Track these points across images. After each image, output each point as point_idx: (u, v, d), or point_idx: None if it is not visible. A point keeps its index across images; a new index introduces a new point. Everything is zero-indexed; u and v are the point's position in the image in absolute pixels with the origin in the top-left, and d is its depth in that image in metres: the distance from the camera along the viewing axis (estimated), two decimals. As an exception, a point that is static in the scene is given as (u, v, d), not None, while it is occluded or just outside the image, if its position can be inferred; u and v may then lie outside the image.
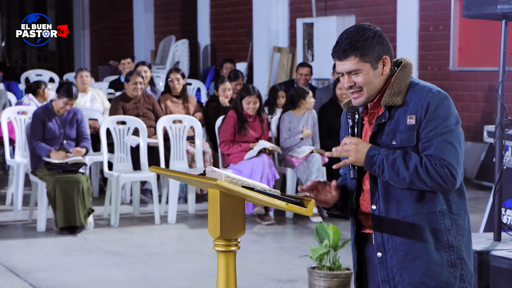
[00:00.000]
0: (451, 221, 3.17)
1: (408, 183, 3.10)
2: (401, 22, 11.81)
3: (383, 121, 3.18)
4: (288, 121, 8.84)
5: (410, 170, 3.07)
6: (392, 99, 3.16)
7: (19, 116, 8.88)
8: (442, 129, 3.10)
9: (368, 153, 3.13)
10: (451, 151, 3.09)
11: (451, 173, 3.08)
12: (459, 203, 3.21)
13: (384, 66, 3.19)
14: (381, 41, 3.18)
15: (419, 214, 3.14)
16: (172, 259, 7.12)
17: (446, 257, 3.16)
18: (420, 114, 3.11)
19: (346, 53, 3.15)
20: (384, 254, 3.19)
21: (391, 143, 3.15)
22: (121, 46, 19.12)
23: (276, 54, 13.90)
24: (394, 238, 3.17)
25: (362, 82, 3.16)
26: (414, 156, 3.09)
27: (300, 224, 8.42)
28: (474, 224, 8.05)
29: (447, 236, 3.16)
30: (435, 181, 3.07)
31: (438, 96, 3.13)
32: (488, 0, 5.07)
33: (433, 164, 3.07)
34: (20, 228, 8.19)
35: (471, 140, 11.10)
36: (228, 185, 3.06)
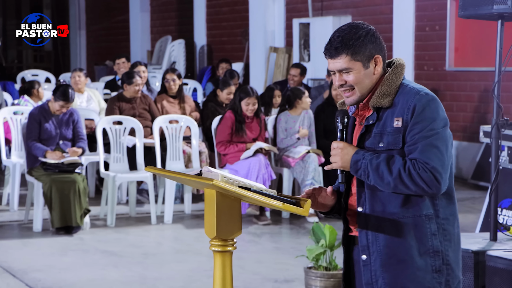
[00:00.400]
0: (438, 225, 3.13)
1: (393, 188, 3.07)
2: (397, 22, 11.82)
3: (371, 122, 3.15)
4: (284, 121, 8.84)
5: (394, 175, 3.04)
6: (380, 100, 3.13)
7: (15, 116, 8.87)
8: (428, 132, 3.05)
9: (352, 158, 3.11)
10: (436, 154, 3.04)
11: (435, 177, 3.04)
12: (447, 207, 3.17)
13: (376, 66, 3.16)
14: (373, 40, 3.15)
15: (404, 218, 3.11)
16: (169, 259, 7.12)
17: (430, 262, 3.12)
18: (406, 117, 3.08)
19: (337, 51, 3.12)
20: (368, 257, 3.17)
21: (378, 146, 3.12)
22: (117, 46, 19.10)
23: (273, 54, 13.90)
24: (378, 241, 3.14)
25: (353, 81, 3.14)
26: (398, 160, 3.06)
27: (296, 224, 8.43)
28: (470, 224, 8.07)
29: (433, 240, 3.11)
30: (418, 185, 3.03)
31: (425, 98, 3.09)
32: (484, 1, 5.08)
33: (417, 168, 3.03)
34: (16, 228, 8.18)
35: (467, 140, 11.11)
36: (224, 185, 3.06)
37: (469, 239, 5.17)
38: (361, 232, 3.18)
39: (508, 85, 10.13)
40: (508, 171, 6.16)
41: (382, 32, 12.12)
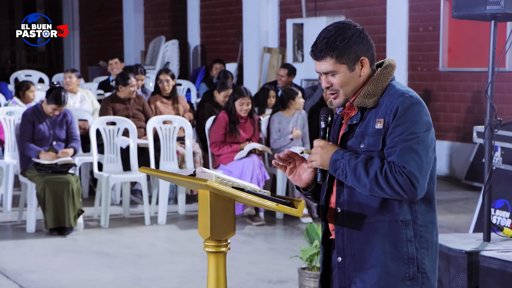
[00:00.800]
0: (415, 232, 3.06)
1: (369, 190, 3.01)
2: (391, 22, 11.83)
3: (354, 122, 3.11)
4: (277, 122, 8.84)
5: (370, 177, 2.98)
6: (364, 100, 3.08)
7: (9, 117, 8.85)
8: (408, 136, 2.99)
9: (331, 157, 3.06)
10: (414, 159, 2.97)
11: (411, 182, 2.96)
12: (426, 214, 3.09)
13: (363, 68, 3.11)
14: (360, 41, 3.10)
15: (380, 222, 3.05)
16: (162, 260, 7.11)
17: (404, 269, 3.05)
18: (388, 118, 3.03)
19: (322, 54, 3.08)
20: (343, 259, 3.11)
21: (359, 146, 3.07)
22: (111, 47, 19.08)
23: (266, 55, 13.90)
24: (353, 243, 3.08)
25: (338, 84, 3.10)
26: (376, 162, 3.00)
27: (290, 224, 8.43)
28: (464, 224, 8.09)
29: (408, 247, 3.04)
30: (394, 189, 2.97)
31: (409, 101, 3.02)
32: (477, 1, 5.08)
33: (393, 171, 2.96)
34: (9, 229, 8.16)
35: (461, 140, 11.13)
36: (218, 185, 3.06)
37: (462, 239, 5.18)
38: (338, 234, 3.12)
39: (502, 86, 10.15)
40: (502, 171, 6.17)
41: (375, 33, 12.19)
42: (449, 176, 11.11)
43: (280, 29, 14.03)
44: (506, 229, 5.27)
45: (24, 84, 10.09)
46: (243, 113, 8.46)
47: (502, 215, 6.21)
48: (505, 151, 6.20)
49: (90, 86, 12.27)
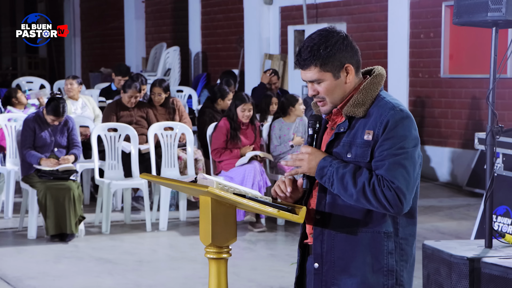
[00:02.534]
0: (396, 244, 3.07)
1: (355, 200, 3.01)
2: (392, 29, 11.84)
3: (341, 130, 3.10)
4: (278, 129, 8.85)
5: (358, 187, 2.98)
6: (354, 109, 3.07)
7: (10, 123, 8.86)
8: (397, 150, 2.99)
9: (319, 164, 3.06)
10: (403, 174, 2.98)
11: (398, 197, 2.97)
12: (407, 227, 3.11)
13: (348, 74, 3.10)
14: (343, 48, 3.08)
15: (363, 232, 3.06)
16: (164, 266, 7.11)
17: (383, 281, 3.06)
18: (378, 131, 3.02)
19: (306, 63, 3.08)
20: (321, 266, 3.11)
21: (346, 156, 3.07)
22: (112, 53, 19.10)
23: (268, 61, 13.91)
24: (333, 251, 3.08)
25: (324, 92, 3.09)
26: (365, 173, 3.00)
27: (291, 231, 8.42)
28: (466, 231, 8.08)
29: (388, 259, 3.06)
30: (380, 202, 2.98)
31: (399, 115, 3.02)
32: (479, 8, 5.08)
33: (381, 185, 2.97)
34: (10, 236, 8.16)
35: (462, 147, 11.12)
36: (219, 192, 3.05)
37: (464, 246, 5.17)
38: (316, 240, 3.13)
39: (503, 92, 10.15)
40: (503, 178, 6.17)
41: (376, 40, 12.21)
42: (450, 183, 11.10)
43: (281, 35, 14.05)
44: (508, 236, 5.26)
45: (11, 91, 10.13)
46: (245, 119, 8.46)
47: (504, 222, 6.20)
48: (506, 158, 6.20)
49: (92, 92, 12.28)
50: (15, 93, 10.07)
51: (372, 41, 12.29)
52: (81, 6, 20.53)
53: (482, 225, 6.14)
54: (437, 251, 5.06)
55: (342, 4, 12.94)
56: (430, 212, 9.27)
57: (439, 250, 5.03)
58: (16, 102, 9.94)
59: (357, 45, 3.16)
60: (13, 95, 10.01)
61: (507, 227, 6.16)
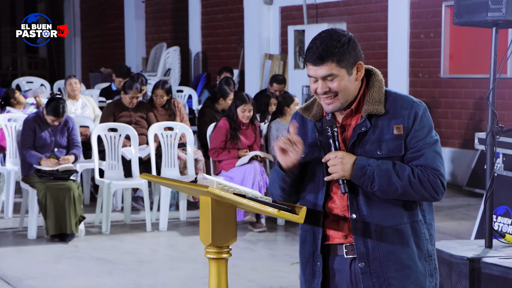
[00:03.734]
0: (427, 231, 3.20)
1: (399, 194, 3.09)
2: (392, 29, 11.84)
3: (363, 130, 3.13)
4: (275, 129, 8.85)
5: (404, 181, 3.07)
6: (375, 107, 3.13)
7: (10, 123, 8.86)
8: (430, 139, 3.12)
9: (356, 165, 3.09)
10: (440, 161, 3.13)
11: (442, 183, 3.11)
12: (430, 213, 3.23)
13: (358, 72, 3.16)
14: (355, 47, 3.14)
15: (405, 224, 3.14)
16: (164, 266, 7.11)
17: (427, 267, 3.19)
18: (407, 124, 3.11)
19: (322, 58, 3.09)
20: (367, 264, 3.14)
21: (376, 153, 3.12)
22: (112, 53, 19.10)
23: (268, 61, 13.91)
24: (381, 247, 3.13)
25: (338, 88, 3.11)
26: (405, 167, 3.09)
27: (291, 231, 8.42)
28: (466, 231, 8.08)
29: (427, 245, 3.19)
30: (428, 191, 3.09)
31: (422, 107, 3.15)
32: (479, 8, 5.08)
33: (426, 174, 3.09)
34: (10, 236, 8.16)
35: (462, 147, 11.12)
36: (219, 192, 3.05)
37: (464, 246, 5.17)
38: (358, 239, 3.14)
39: (503, 92, 10.15)
40: (503, 178, 6.17)
41: (376, 40, 12.20)
42: (450, 183, 11.11)
43: (281, 35, 14.04)
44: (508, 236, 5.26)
45: (9, 92, 10.12)
46: (245, 120, 8.46)
47: (504, 222, 6.20)
48: (506, 158, 6.20)
49: (92, 92, 12.28)
50: (13, 93, 10.07)
51: (372, 41, 12.29)
52: (81, 6, 20.53)
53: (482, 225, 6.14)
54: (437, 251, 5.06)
55: (342, 4, 12.94)
56: (430, 212, 9.27)
57: (439, 250, 5.03)
58: (14, 102, 9.94)
59: None
60: (11, 95, 10.01)
61: (507, 227, 6.17)
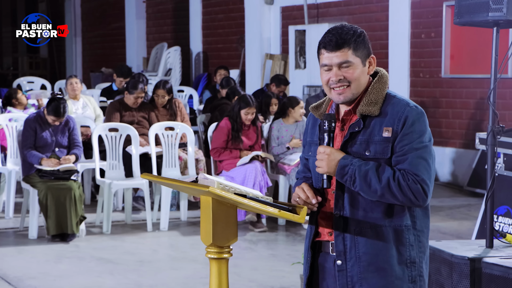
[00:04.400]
0: (415, 237, 3.16)
1: (379, 196, 3.08)
2: (393, 29, 11.84)
3: (356, 129, 3.14)
4: (277, 130, 8.85)
5: (382, 184, 3.05)
6: (369, 108, 3.12)
7: (11, 123, 8.86)
8: (418, 144, 3.08)
9: (340, 163, 3.09)
10: (425, 167, 3.07)
11: (423, 190, 3.06)
12: (423, 220, 3.20)
13: (371, 66, 3.19)
14: (367, 40, 3.19)
15: (386, 226, 3.12)
16: (164, 266, 7.11)
17: (407, 272, 3.15)
18: (396, 127, 3.09)
19: (339, 44, 3.11)
20: (344, 263, 3.15)
21: (364, 154, 3.11)
22: (113, 53, 19.11)
23: (268, 61, 13.91)
24: (358, 247, 3.13)
25: (351, 77, 3.12)
26: (387, 170, 3.07)
27: (292, 231, 8.42)
28: (466, 231, 8.08)
29: (410, 251, 3.15)
30: (407, 196, 3.06)
31: (415, 111, 3.11)
32: (480, 8, 5.08)
33: (406, 179, 3.05)
34: (11, 236, 8.16)
35: (463, 147, 11.12)
36: (220, 192, 3.05)
37: (465, 246, 5.17)
38: (338, 237, 3.15)
39: (504, 92, 10.15)
40: (504, 178, 6.17)
41: (377, 39, 12.20)
42: (451, 183, 11.10)
43: (282, 35, 14.05)
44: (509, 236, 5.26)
45: (11, 92, 10.13)
46: (248, 122, 8.48)
47: (505, 222, 6.20)
48: (507, 158, 6.20)
49: (93, 92, 12.29)
50: (15, 93, 10.07)
51: (373, 41, 12.28)
52: (82, 6, 20.54)
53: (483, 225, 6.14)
54: (438, 251, 5.06)
55: (343, 4, 12.95)
56: (431, 212, 9.22)
57: (440, 250, 5.03)
58: (16, 102, 9.95)
59: None
60: (13, 95, 10.02)
61: (508, 227, 6.16)
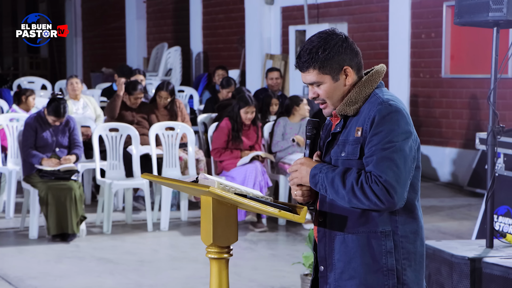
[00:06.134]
0: (396, 243, 3.02)
1: (347, 202, 2.97)
2: (393, 29, 11.84)
3: (338, 130, 3.10)
4: (282, 126, 8.84)
5: (347, 188, 2.95)
6: (345, 108, 3.07)
7: (12, 123, 8.86)
8: (385, 145, 2.93)
9: (310, 172, 3.05)
10: (391, 168, 2.91)
11: (388, 191, 2.90)
12: (406, 224, 3.04)
13: (347, 77, 3.08)
14: (342, 51, 3.06)
15: (359, 233, 3.02)
16: (165, 266, 7.11)
17: (383, 281, 3.01)
18: (366, 127, 2.99)
19: (305, 65, 3.08)
20: (325, 269, 3.11)
21: (341, 155, 3.05)
22: (113, 53, 19.11)
23: (269, 61, 13.91)
24: (333, 254, 3.08)
25: (323, 94, 3.09)
26: (353, 173, 2.97)
27: (292, 231, 8.42)
28: (467, 231, 8.09)
29: (387, 258, 3.01)
30: (371, 199, 2.92)
31: (387, 109, 2.97)
32: (480, 8, 5.09)
33: (369, 181, 2.92)
34: (12, 236, 8.17)
35: (463, 147, 11.12)
36: (220, 192, 3.05)
37: (465, 246, 5.17)
38: (320, 242, 3.13)
39: (504, 92, 10.15)
40: (504, 178, 6.17)
41: (377, 39, 12.20)
42: (451, 183, 11.11)
43: (282, 35, 14.05)
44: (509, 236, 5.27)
45: (27, 90, 10.13)
46: (247, 122, 8.48)
47: (505, 222, 6.20)
48: (507, 158, 6.20)
49: (93, 92, 12.29)
50: (29, 94, 9.98)
51: (373, 41, 12.29)
52: (82, 6, 20.55)
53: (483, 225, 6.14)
54: (438, 251, 5.07)
55: (343, 4, 12.95)
56: (431, 212, 9.27)
57: (440, 250, 5.04)
58: (24, 101, 9.89)
59: (358, 47, 3.13)
60: (26, 94, 9.94)
61: (508, 227, 6.17)
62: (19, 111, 9.71)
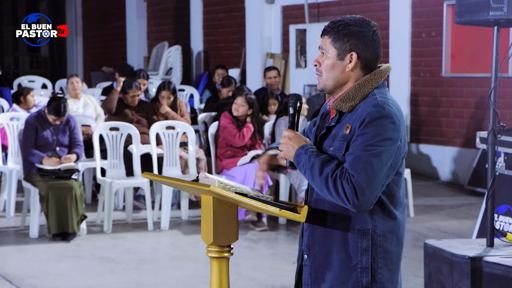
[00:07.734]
0: (373, 241, 3.04)
1: (319, 189, 3.02)
2: (394, 28, 11.84)
3: (332, 124, 3.13)
4: (284, 125, 8.85)
5: (322, 176, 2.98)
6: (341, 103, 3.08)
7: (12, 122, 8.87)
8: (367, 147, 2.94)
9: (296, 151, 3.09)
10: (365, 170, 2.92)
11: (355, 192, 2.92)
12: (384, 224, 3.06)
13: (350, 63, 3.09)
14: (359, 37, 3.08)
15: (338, 229, 3.06)
16: (165, 265, 7.11)
17: (356, 278, 3.04)
18: (355, 126, 3.01)
19: (326, 31, 3.14)
20: (308, 258, 3.16)
21: (329, 149, 3.08)
22: (114, 52, 19.11)
23: (269, 60, 13.91)
24: (315, 245, 3.13)
25: (322, 65, 3.13)
26: (333, 164, 2.99)
27: (293, 230, 8.42)
28: (467, 230, 8.09)
29: (362, 256, 3.04)
30: (339, 194, 2.94)
31: (378, 113, 2.97)
32: (480, 7, 5.09)
33: (342, 177, 2.94)
34: (12, 235, 8.17)
35: (464, 146, 11.12)
36: (221, 191, 3.06)
37: (465, 245, 5.17)
38: (306, 231, 3.18)
39: (504, 91, 10.15)
40: (505, 177, 6.17)
41: (378, 38, 12.20)
42: (452, 182, 11.11)
43: (283, 34, 14.05)
44: (510, 235, 5.26)
45: (24, 89, 10.14)
46: (235, 113, 8.60)
47: (506, 221, 6.20)
48: (508, 157, 6.20)
49: (94, 91, 12.29)
50: (27, 93, 10.02)
51: (374, 40, 12.28)
52: (83, 5, 20.55)
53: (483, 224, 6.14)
54: (438, 250, 5.07)
55: (343, 3, 12.95)
56: (432, 211, 9.27)
57: (441, 249, 5.04)
58: (23, 101, 9.91)
59: (381, 48, 3.13)
60: (23, 93, 9.98)
61: (508, 226, 6.17)
62: (20, 110, 9.72)
